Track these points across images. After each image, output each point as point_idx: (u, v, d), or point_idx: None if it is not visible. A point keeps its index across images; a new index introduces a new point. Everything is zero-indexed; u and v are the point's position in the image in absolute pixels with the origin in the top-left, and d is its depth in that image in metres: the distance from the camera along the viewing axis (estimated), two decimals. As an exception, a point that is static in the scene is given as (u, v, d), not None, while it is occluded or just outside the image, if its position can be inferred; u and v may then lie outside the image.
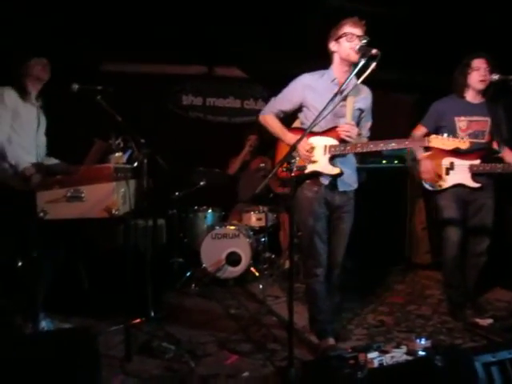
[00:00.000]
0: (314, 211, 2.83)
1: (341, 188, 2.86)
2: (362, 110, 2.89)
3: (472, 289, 3.53)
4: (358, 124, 2.87)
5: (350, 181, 2.90)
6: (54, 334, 2.53)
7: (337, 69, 2.83)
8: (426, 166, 3.40)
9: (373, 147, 2.73)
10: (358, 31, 2.69)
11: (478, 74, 3.27)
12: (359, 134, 2.83)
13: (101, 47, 4.66)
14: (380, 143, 2.72)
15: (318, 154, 2.79)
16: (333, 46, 2.80)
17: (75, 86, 2.97)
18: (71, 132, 4.26)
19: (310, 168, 2.79)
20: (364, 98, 2.88)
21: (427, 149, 3.43)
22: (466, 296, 3.52)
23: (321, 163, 2.79)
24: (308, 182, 2.84)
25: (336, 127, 2.78)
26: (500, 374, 1.78)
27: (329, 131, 2.80)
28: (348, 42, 2.70)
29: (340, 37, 2.73)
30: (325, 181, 2.83)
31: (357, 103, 2.84)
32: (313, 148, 2.78)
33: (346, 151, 2.77)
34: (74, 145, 3.06)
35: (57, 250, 3.14)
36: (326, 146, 2.78)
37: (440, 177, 3.38)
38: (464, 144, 2.65)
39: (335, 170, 2.79)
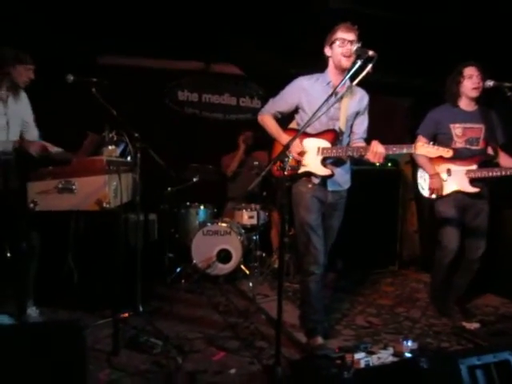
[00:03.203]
0: (309, 205, 2.87)
1: (330, 188, 2.90)
2: (357, 113, 2.92)
3: (462, 293, 3.57)
4: (351, 126, 2.92)
5: (340, 180, 2.94)
6: (41, 326, 2.51)
7: (331, 73, 2.86)
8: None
9: (363, 152, 2.75)
10: (350, 36, 2.70)
11: (471, 82, 3.28)
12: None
13: (98, 39, 4.63)
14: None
15: (310, 156, 2.84)
16: (327, 50, 2.85)
17: (70, 77, 2.96)
18: (65, 124, 4.23)
19: (302, 169, 2.85)
20: (359, 101, 2.90)
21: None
22: (456, 300, 3.55)
23: (313, 164, 2.84)
24: (303, 178, 2.88)
25: (329, 130, 2.83)
26: (484, 377, 1.80)
27: (323, 133, 2.84)
28: (340, 48, 2.73)
29: (333, 42, 2.77)
30: (315, 180, 2.87)
31: (352, 106, 2.87)
32: (304, 152, 2.82)
33: (338, 154, 2.81)
34: (68, 137, 3.03)
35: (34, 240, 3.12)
36: (319, 148, 2.83)
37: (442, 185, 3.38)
38: (447, 153, 2.65)
39: (326, 172, 2.83)
